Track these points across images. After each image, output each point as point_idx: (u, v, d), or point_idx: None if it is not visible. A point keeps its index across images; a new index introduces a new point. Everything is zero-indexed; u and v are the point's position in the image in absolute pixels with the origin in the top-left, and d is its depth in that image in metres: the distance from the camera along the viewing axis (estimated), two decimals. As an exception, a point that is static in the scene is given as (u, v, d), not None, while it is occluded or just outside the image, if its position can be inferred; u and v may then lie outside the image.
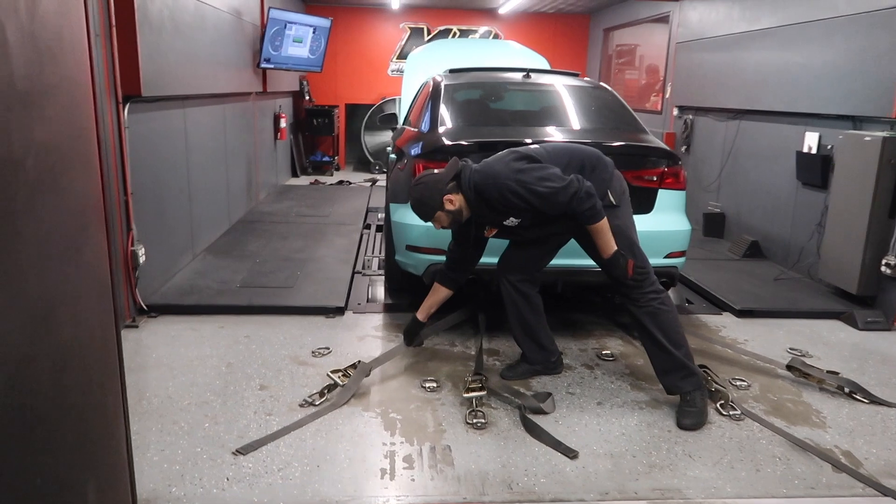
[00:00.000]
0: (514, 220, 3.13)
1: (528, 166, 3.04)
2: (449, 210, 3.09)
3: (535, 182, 2.97)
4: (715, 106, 6.95)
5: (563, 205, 2.96)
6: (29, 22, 1.39)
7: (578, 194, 2.93)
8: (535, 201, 2.98)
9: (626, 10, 10.13)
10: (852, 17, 4.82)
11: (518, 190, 2.98)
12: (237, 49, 6.57)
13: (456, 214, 3.12)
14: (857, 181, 4.63)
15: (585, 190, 2.94)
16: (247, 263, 5.26)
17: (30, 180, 1.39)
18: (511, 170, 3.03)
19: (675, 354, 3.06)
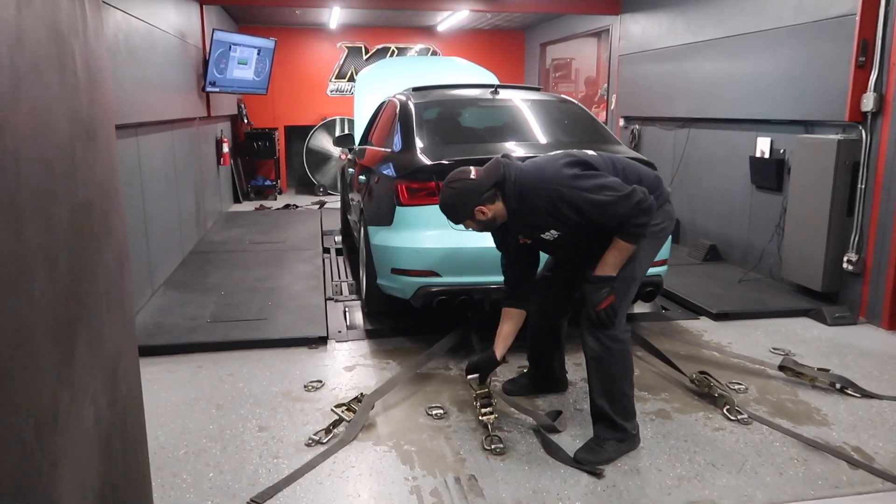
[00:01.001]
0: (554, 233, 2.79)
1: (583, 173, 2.71)
2: (480, 220, 2.82)
3: (594, 190, 2.64)
4: (663, 115, 7.15)
5: (621, 216, 2.63)
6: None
7: (641, 205, 2.62)
8: (591, 211, 2.65)
9: (562, 25, 10.34)
10: (797, 26, 5.05)
11: (572, 197, 2.65)
12: (184, 73, 6.31)
13: (488, 223, 2.85)
14: (815, 183, 4.83)
15: (649, 203, 2.64)
16: (212, 297, 5.00)
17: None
18: (565, 175, 2.70)
19: (605, 408, 2.84)
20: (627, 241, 2.69)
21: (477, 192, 2.78)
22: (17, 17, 1.09)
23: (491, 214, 2.81)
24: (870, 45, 4.47)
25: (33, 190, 1.16)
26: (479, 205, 2.79)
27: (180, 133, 6.37)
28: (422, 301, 3.89)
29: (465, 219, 2.85)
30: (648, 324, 4.58)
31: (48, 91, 1.23)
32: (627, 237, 2.68)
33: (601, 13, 8.33)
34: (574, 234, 2.80)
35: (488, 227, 2.90)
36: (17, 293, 1.10)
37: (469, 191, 2.79)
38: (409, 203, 3.91)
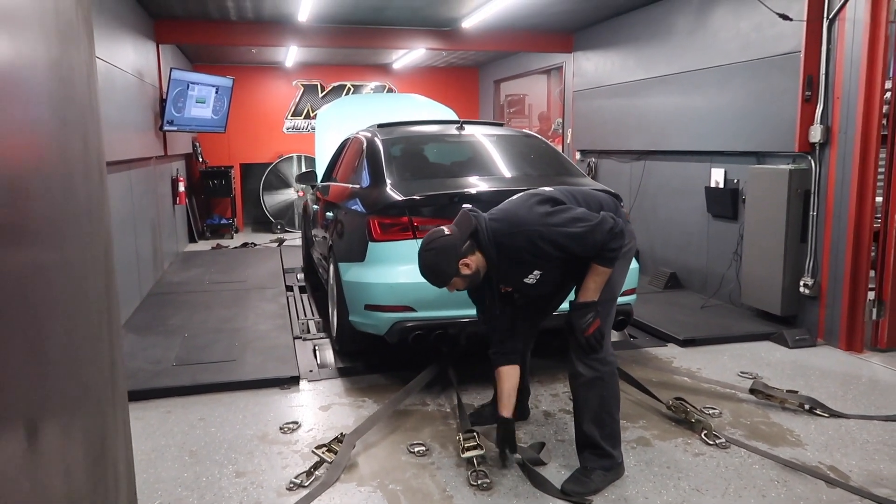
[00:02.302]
0: (537, 273, 2.83)
1: (554, 209, 2.78)
2: (466, 274, 2.81)
3: (568, 223, 2.72)
4: (619, 148, 7.36)
5: (598, 244, 2.71)
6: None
7: (614, 230, 2.70)
8: (570, 244, 2.72)
9: (516, 62, 10.60)
10: (747, 63, 5.31)
11: (550, 235, 2.71)
12: (142, 112, 6.22)
13: (474, 277, 2.83)
14: (770, 211, 5.03)
15: (620, 227, 2.73)
16: (176, 339, 4.86)
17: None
18: (538, 214, 2.76)
19: (594, 435, 2.86)
20: (605, 266, 2.77)
21: (456, 246, 2.78)
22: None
23: (475, 266, 2.81)
24: (815, 81, 4.72)
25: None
26: (461, 258, 2.78)
27: (137, 172, 6.25)
28: (397, 337, 3.86)
29: (452, 276, 2.81)
30: (619, 352, 4.60)
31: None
32: (605, 262, 2.76)
33: (554, 51, 8.58)
34: (555, 271, 2.85)
35: (474, 281, 2.87)
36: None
37: (449, 246, 2.79)
38: (381, 238, 3.90)
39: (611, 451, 2.87)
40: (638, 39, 6.85)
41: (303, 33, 7.67)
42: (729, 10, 5.50)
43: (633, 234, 3.06)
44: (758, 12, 5.05)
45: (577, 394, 2.91)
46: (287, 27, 7.57)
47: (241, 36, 7.65)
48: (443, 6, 6.78)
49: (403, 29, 7.96)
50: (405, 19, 7.47)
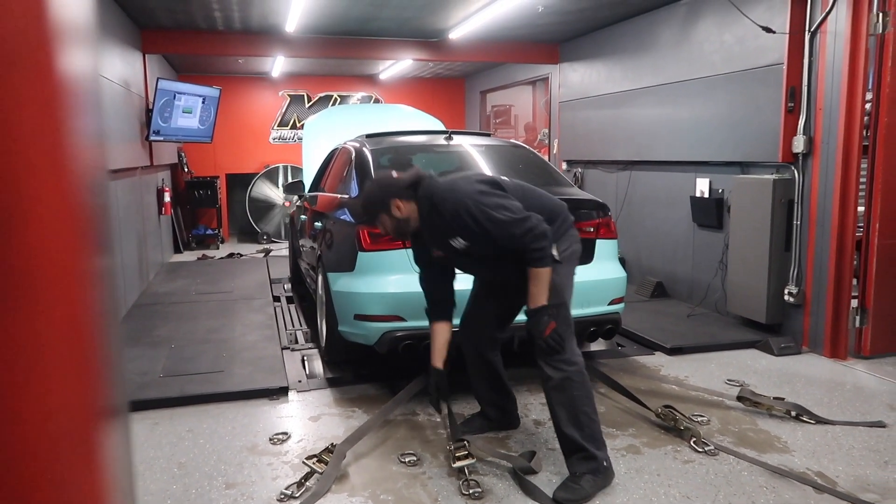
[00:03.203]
0: (461, 241, 2.97)
1: (490, 191, 2.96)
2: (395, 216, 2.98)
3: (494, 207, 2.87)
4: (605, 159, 7.43)
5: (515, 238, 2.85)
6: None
7: (534, 231, 2.84)
8: (489, 226, 2.86)
9: (502, 73, 10.67)
10: (731, 74, 5.39)
11: (474, 211, 2.87)
12: (128, 122, 6.19)
13: (402, 223, 3.00)
14: (754, 220, 5.09)
15: (542, 230, 2.85)
16: (162, 350, 4.82)
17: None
18: (473, 190, 2.94)
19: (575, 437, 2.89)
20: (538, 267, 2.87)
21: (395, 185, 3.00)
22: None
23: (405, 213, 2.98)
24: (797, 92, 4.80)
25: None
26: (395, 198, 2.96)
27: (123, 183, 6.21)
28: (387, 347, 3.85)
29: (381, 212, 2.99)
30: (607, 360, 4.67)
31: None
32: (535, 262, 2.86)
33: (540, 62, 8.66)
34: (480, 246, 2.98)
35: (401, 229, 3.04)
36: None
37: (389, 184, 3.02)
38: (371, 248, 3.91)
39: (595, 452, 2.90)
40: (623, 51, 6.93)
41: (290, 43, 7.68)
42: (713, 23, 5.58)
43: (576, 238, 3.18)
44: (741, 25, 5.13)
45: (551, 398, 2.98)
46: (274, 37, 7.57)
47: (229, 46, 7.64)
48: (430, 17, 6.83)
49: (391, 40, 7.99)
50: (392, 30, 7.51)
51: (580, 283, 4.02)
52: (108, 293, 0.99)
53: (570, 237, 3.14)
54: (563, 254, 3.03)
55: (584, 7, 6.35)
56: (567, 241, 3.11)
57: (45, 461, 0.68)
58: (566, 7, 6.33)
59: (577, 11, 6.53)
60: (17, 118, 0.63)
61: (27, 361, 0.65)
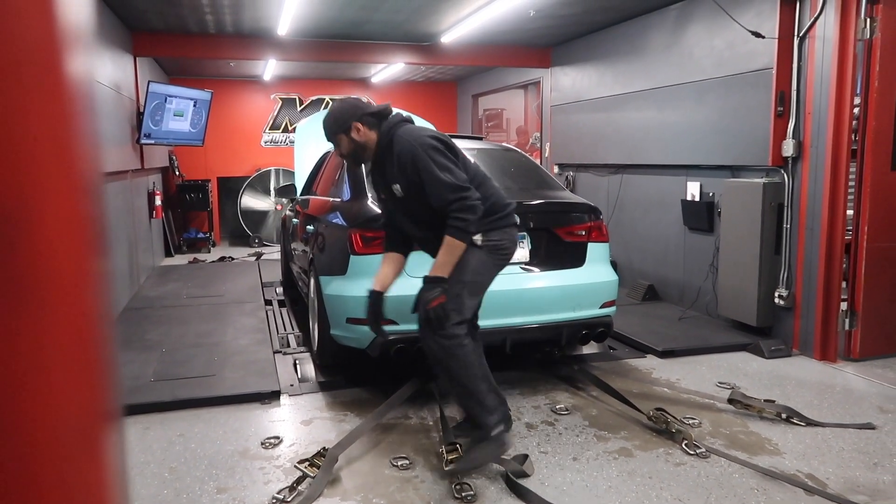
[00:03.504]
0: (399, 189, 3.01)
1: (443, 150, 2.95)
2: (353, 138, 3.00)
3: (439, 166, 2.87)
4: (596, 162, 7.45)
5: (445, 201, 2.86)
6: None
7: (464, 201, 2.83)
8: (426, 179, 2.87)
9: (494, 77, 10.70)
10: (721, 79, 5.42)
11: (419, 159, 2.87)
12: (119, 125, 6.17)
13: (357, 148, 3.02)
14: (744, 223, 5.12)
15: (473, 205, 2.86)
16: (153, 354, 4.79)
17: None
18: (427, 143, 2.93)
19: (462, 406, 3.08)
20: (454, 237, 2.86)
21: (362, 109, 3.00)
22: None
23: (363, 139, 3.00)
24: (786, 96, 4.84)
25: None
26: (358, 120, 2.97)
27: (114, 186, 6.18)
28: (379, 350, 3.85)
29: (340, 131, 3.00)
30: (599, 363, 4.68)
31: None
32: (453, 231, 2.86)
33: (532, 66, 8.68)
34: (413, 201, 2.99)
35: (356, 153, 3.05)
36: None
37: (355, 105, 3.02)
38: (363, 252, 3.90)
39: (482, 420, 3.01)
40: (615, 55, 6.96)
41: (282, 47, 7.67)
42: (703, 28, 5.62)
43: (514, 238, 3.17)
44: (731, 30, 5.17)
45: (436, 372, 3.09)
46: (266, 41, 7.56)
47: (220, 49, 7.63)
48: (422, 21, 6.84)
49: (383, 43, 8.00)
50: (384, 34, 7.51)
51: (573, 287, 4.07)
52: (108, 296, 0.99)
53: (505, 233, 3.13)
54: (489, 243, 3.05)
55: (575, 11, 6.38)
56: (500, 234, 3.10)
57: (53, 463, 0.68)
58: (558, 11, 6.36)
59: (568, 16, 6.56)
60: (24, 119, 0.63)
61: (33, 363, 0.66)
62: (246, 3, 6.06)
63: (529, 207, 4.10)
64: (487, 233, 3.03)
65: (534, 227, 4.07)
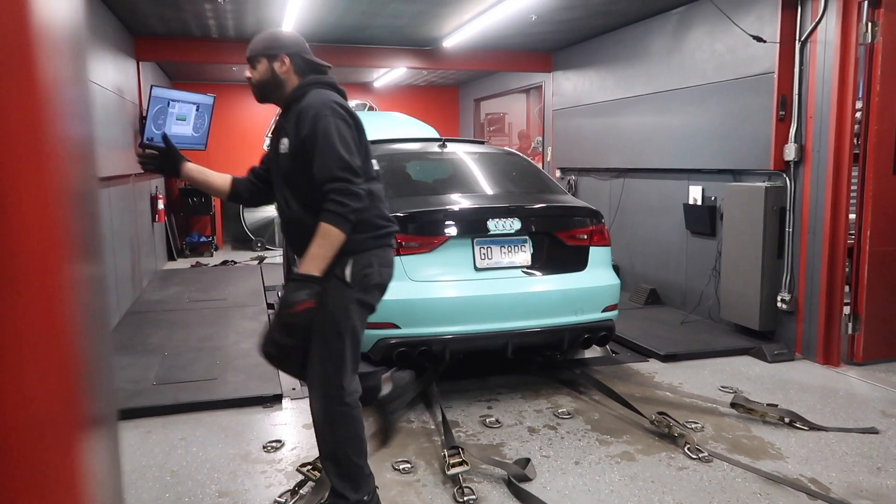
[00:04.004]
0: (286, 144, 2.56)
1: (352, 127, 2.52)
2: (273, 69, 2.60)
3: (339, 136, 2.44)
4: (598, 166, 7.46)
5: (327, 173, 2.40)
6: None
7: (349, 185, 2.39)
8: (320, 144, 2.42)
9: (496, 81, 10.72)
10: (722, 83, 5.42)
11: (320, 121, 2.44)
12: (121, 129, 6.18)
13: (271, 82, 2.62)
14: (747, 227, 5.11)
15: (358, 192, 2.42)
16: (156, 358, 4.80)
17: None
18: (339, 112, 2.50)
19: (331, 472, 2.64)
20: (331, 224, 2.38)
21: (302, 48, 2.66)
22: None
23: (283, 76, 2.61)
24: (788, 101, 4.84)
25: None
26: (289, 55, 2.61)
27: (116, 190, 6.19)
28: (381, 354, 3.85)
29: (266, 54, 2.62)
30: (601, 368, 4.67)
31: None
32: (330, 216, 2.38)
33: (534, 70, 8.69)
34: (293, 165, 2.54)
35: (267, 87, 2.64)
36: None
37: (299, 42, 2.68)
38: (365, 255, 3.90)
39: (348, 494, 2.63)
40: (616, 59, 6.97)
41: (284, 52, 7.68)
42: (704, 32, 5.63)
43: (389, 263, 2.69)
44: (732, 34, 5.17)
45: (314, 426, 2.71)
46: (268, 45, 7.58)
47: (223, 54, 7.64)
48: (424, 26, 6.86)
49: (385, 48, 8.02)
50: (386, 38, 7.53)
51: (575, 291, 4.07)
52: (95, 301, 0.98)
53: (379, 258, 2.61)
54: (357, 275, 2.52)
55: (576, 16, 6.39)
56: (370, 259, 2.57)
57: (24, 470, 0.67)
58: (559, 16, 6.37)
59: (569, 20, 6.57)
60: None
61: (3, 367, 0.65)
62: (248, 7, 6.08)
63: (531, 211, 4.11)
64: (357, 259, 2.53)
65: (535, 230, 4.07)
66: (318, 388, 2.59)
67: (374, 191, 2.62)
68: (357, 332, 2.61)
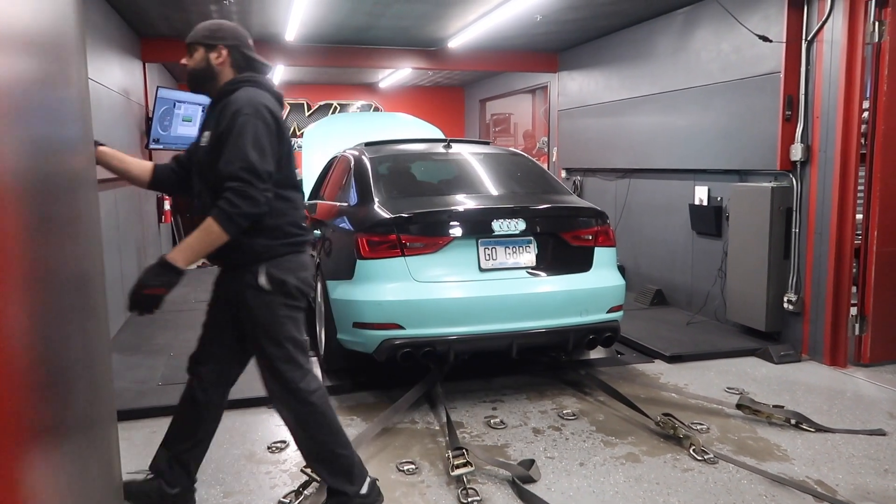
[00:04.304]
0: (205, 138, 2.50)
1: (273, 132, 2.43)
2: (209, 59, 2.56)
3: (254, 138, 2.36)
4: (604, 167, 7.44)
5: (229, 169, 2.33)
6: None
7: (248, 188, 2.31)
8: (232, 139, 2.35)
9: (501, 82, 10.71)
10: (728, 83, 5.40)
11: (239, 118, 2.37)
12: (128, 130, 6.21)
13: (206, 72, 2.56)
14: (753, 228, 5.09)
15: (256, 198, 2.33)
16: (161, 359, 4.81)
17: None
18: (263, 114, 2.41)
19: (322, 474, 2.67)
20: (217, 222, 2.31)
21: (243, 42, 2.61)
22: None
23: (218, 67, 2.57)
24: (794, 100, 4.81)
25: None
26: (228, 47, 2.57)
27: (123, 191, 6.21)
28: (385, 355, 3.85)
29: (204, 42, 2.58)
30: (606, 368, 4.66)
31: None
32: (218, 213, 2.30)
33: (539, 71, 8.68)
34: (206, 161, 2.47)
35: (201, 75, 2.58)
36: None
37: (240, 36, 2.63)
38: (369, 256, 3.91)
39: (343, 488, 2.62)
40: (622, 59, 6.95)
41: (289, 52, 7.70)
42: (710, 32, 5.61)
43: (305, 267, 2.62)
44: (738, 34, 5.15)
45: (291, 434, 2.72)
46: (274, 46, 7.60)
47: (228, 55, 7.66)
48: (429, 26, 6.86)
49: (390, 48, 8.02)
50: (391, 39, 7.53)
51: (580, 291, 4.06)
52: (62, 304, 0.97)
53: (294, 263, 2.55)
54: (275, 282, 2.48)
55: (581, 16, 6.38)
56: (285, 265, 2.52)
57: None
58: (564, 16, 6.36)
59: (575, 21, 6.56)
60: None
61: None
62: (254, 8, 6.10)
63: (536, 212, 4.10)
64: (274, 265, 2.49)
65: (540, 231, 4.06)
66: (279, 398, 2.60)
67: (290, 198, 2.57)
68: (294, 336, 2.58)
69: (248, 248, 2.46)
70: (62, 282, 1.35)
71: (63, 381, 1.32)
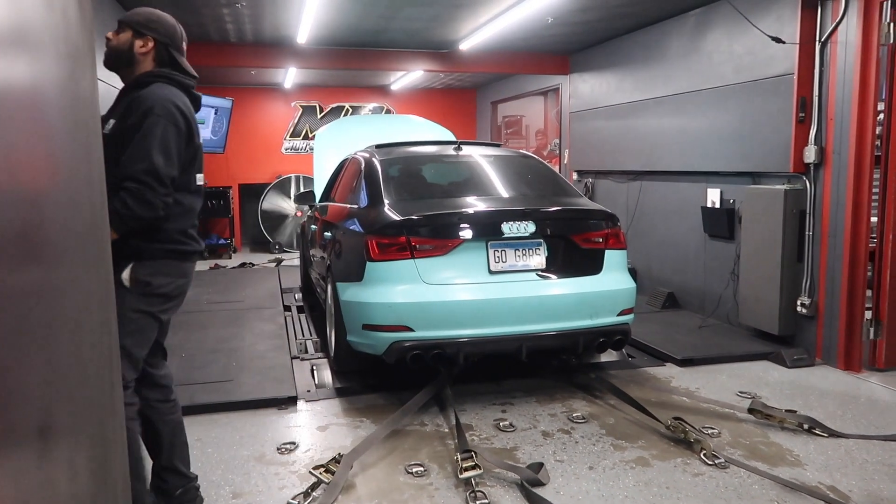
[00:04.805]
0: (111, 126, 2.36)
1: (183, 136, 2.40)
2: (134, 45, 2.46)
3: (162, 141, 2.31)
4: (615, 169, 7.41)
5: (130, 170, 2.27)
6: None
7: (146, 192, 2.26)
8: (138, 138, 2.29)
9: (513, 84, 10.70)
10: (740, 85, 5.37)
11: (150, 118, 2.30)
12: (141, 133, 6.24)
13: (125, 57, 2.46)
14: (766, 231, 5.05)
15: (153, 202, 2.29)
16: (173, 359, 4.75)
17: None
18: (174, 117, 2.36)
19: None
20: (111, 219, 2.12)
21: (175, 39, 2.55)
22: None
23: (139, 57, 2.47)
24: (808, 102, 4.77)
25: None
26: (155, 39, 2.49)
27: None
28: (395, 357, 3.85)
29: (135, 28, 2.49)
30: (617, 372, 4.64)
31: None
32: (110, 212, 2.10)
33: (551, 73, 8.67)
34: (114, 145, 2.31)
35: (120, 59, 2.48)
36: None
37: (175, 33, 2.56)
38: (379, 258, 3.91)
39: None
40: (633, 61, 6.93)
41: (302, 55, 7.74)
42: (722, 33, 5.57)
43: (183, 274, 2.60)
44: (751, 35, 5.12)
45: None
46: (286, 49, 7.64)
47: (241, 58, 7.72)
48: (440, 29, 6.86)
49: (401, 51, 8.04)
50: (403, 42, 7.55)
51: (590, 294, 4.04)
52: (23, 311, 0.97)
53: (172, 268, 2.49)
54: (138, 281, 2.37)
55: (593, 18, 6.36)
56: (159, 267, 2.43)
57: None
58: (576, 18, 6.34)
59: (586, 22, 6.54)
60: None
61: None
62: (266, 12, 6.13)
63: (546, 214, 4.09)
64: (146, 262, 2.39)
65: (550, 234, 4.05)
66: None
67: (186, 204, 2.51)
68: (130, 350, 2.38)
69: (122, 244, 2.32)
70: (84, 284, 1.36)
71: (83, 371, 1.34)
